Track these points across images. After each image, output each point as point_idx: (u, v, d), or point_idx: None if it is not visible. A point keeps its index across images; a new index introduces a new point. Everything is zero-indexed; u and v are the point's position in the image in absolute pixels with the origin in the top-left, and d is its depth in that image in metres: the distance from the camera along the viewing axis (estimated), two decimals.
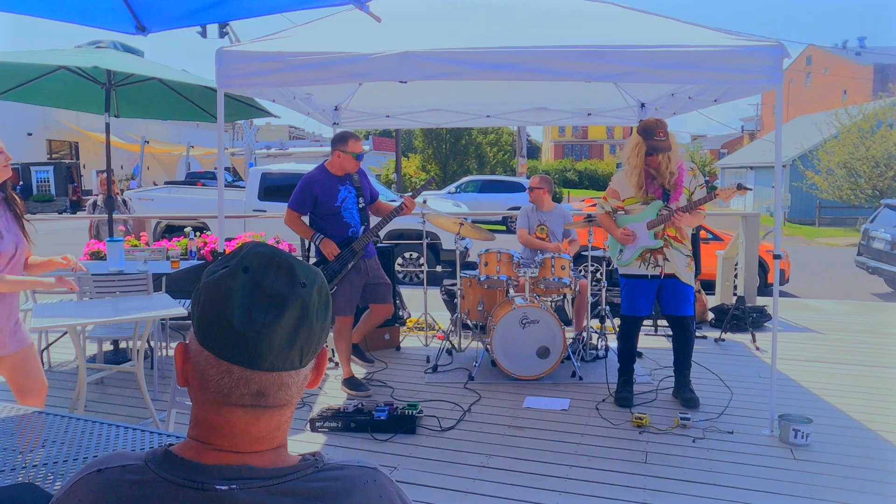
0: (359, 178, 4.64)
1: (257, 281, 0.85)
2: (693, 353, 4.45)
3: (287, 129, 44.86)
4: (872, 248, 9.96)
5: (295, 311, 0.85)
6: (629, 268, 4.33)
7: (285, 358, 0.85)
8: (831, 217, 25.15)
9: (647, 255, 4.25)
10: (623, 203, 4.32)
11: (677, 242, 4.22)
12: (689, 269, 4.25)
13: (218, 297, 0.84)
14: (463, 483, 3.31)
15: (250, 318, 0.83)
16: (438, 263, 9.78)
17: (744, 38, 3.95)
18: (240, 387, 0.85)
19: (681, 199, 4.16)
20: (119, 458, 0.88)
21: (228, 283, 0.85)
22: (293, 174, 11.05)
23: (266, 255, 0.87)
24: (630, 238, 4.26)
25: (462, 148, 38.47)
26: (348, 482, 0.89)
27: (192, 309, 0.89)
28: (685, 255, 4.24)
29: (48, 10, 2.60)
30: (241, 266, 0.86)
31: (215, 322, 0.84)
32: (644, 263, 4.26)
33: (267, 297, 0.84)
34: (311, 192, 4.47)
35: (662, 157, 4.12)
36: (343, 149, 4.48)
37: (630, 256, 4.30)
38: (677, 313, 4.30)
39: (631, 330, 4.45)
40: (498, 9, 4.65)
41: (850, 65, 40.56)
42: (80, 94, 6.01)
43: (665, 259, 4.23)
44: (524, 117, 7.10)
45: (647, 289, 4.31)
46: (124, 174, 26.04)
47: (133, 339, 4.21)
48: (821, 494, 3.20)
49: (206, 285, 0.86)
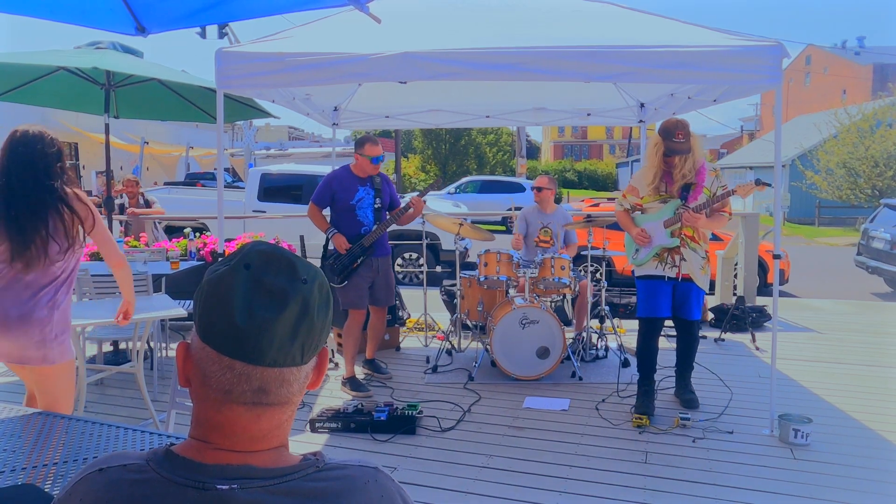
0: (380, 181, 4.77)
1: (258, 277, 0.86)
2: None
3: (286, 129, 44.83)
4: (872, 247, 9.97)
5: (296, 307, 0.86)
6: (645, 268, 4.23)
7: (286, 353, 0.86)
8: (831, 217, 25.14)
9: (665, 255, 4.16)
10: (641, 201, 4.25)
11: (694, 243, 4.14)
12: (703, 271, 4.17)
13: (219, 293, 0.85)
14: (463, 483, 3.31)
15: (251, 313, 0.84)
16: (438, 264, 9.78)
17: (743, 38, 3.95)
18: (241, 383, 0.85)
19: (699, 199, 4.07)
20: (120, 458, 0.88)
21: (230, 280, 0.85)
22: (293, 175, 11.07)
23: (267, 252, 0.89)
24: (646, 239, 4.18)
25: (462, 148, 38.46)
26: (349, 482, 0.89)
27: (195, 307, 0.89)
28: (702, 256, 4.16)
29: (48, 10, 2.60)
30: (242, 263, 0.87)
31: (217, 318, 0.85)
32: (662, 263, 4.17)
33: (268, 293, 0.85)
34: (330, 187, 4.67)
35: (679, 159, 4.06)
36: (360, 152, 4.67)
37: (646, 255, 4.21)
38: (687, 317, 4.25)
39: (651, 333, 4.27)
40: (498, 9, 4.65)
41: (849, 64, 40.59)
42: (80, 95, 6.02)
43: (682, 259, 4.14)
44: (524, 117, 7.10)
45: (665, 289, 4.20)
46: (124, 175, 26.00)
47: (133, 339, 4.21)
48: (821, 494, 3.20)
49: (208, 282, 0.87)
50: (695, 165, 4.08)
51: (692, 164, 4.07)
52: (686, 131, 4.01)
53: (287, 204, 10.18)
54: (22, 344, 2.69)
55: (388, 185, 4.87)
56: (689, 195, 4.10)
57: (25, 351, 2.71)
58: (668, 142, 4.04)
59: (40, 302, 2.71)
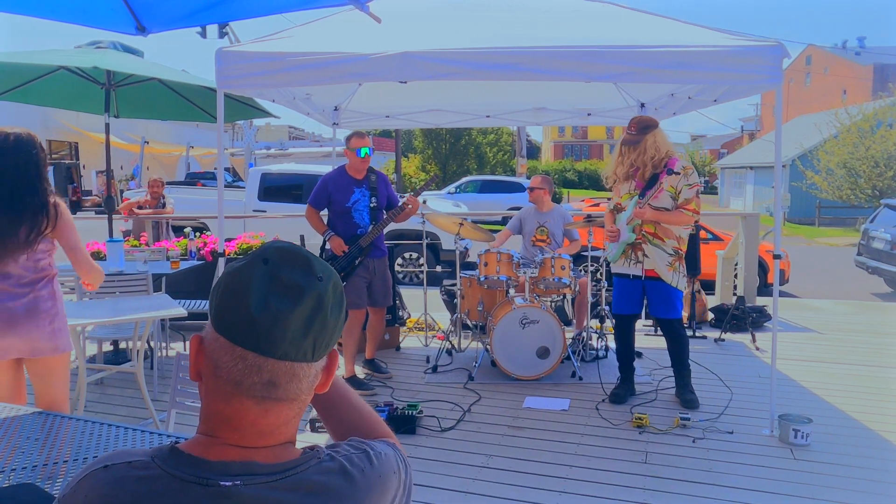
0: (376, 179, 4.79)
1: (275, 272, 0.88)
2: (693, 353, 4.46)
3: (287, 129, 44.84)
4: (872, 248, 9.96)
5: (311, 302, 0.87)
6: (616, 265, 4.42)
7: (298, 347, 0.87)
8: (831, 217, 25.14)
9: (629, 251, 4.32)
10: (621, 199, 4.40)
11: (656, 239, 4.23)
12: (671, 268, 4.22)
13: (237, 284, 0.87)
14: (463, 483, 3.31)
15: (267, 304, 0.85)
16: (438, 263, 9.78)
17: (743, 38, 3.95)
18: (252, 374, 0.86)
19: (660, 197, 4.18)
20: (125, 455, 0.89)
21: (248, 273, 0.87)
22: (293, 174, 11.06)
23: (285, 249, 0.91)
24: (615, 236, 4.36)
25: (462, 148, 38.44)
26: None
27: (211, 299, 0.91)
28: (667, 253, 4.22)
29: (48, 10, 2.60)
30: (261, 258, 0.89)
31: (233, 308, 0.86)
32: (627, 260, 4.33)
33: (284, 287, 0.87)
34: (326, 189, 4.72)
35: (626, 148, 4.25)
36: (347, 146, 4.71)
37: (615, 253, 4.38)
38: (662, 316, 4.35)
39: (621, 328, 4.49)
40: (498, 9, 4.65)
41: (849, 65, 40.57)
42: (80, 95, 6.01)
43: (644, 255, 4.25)
44: (524, 117, 7.10)
45: (632, 287, 4.35)
46: (124, 174, 26.01)
47: (133, 339, 4.21)
48: (821, 494, 3.20)
49: (226, 274, 0.89)
50: (647, 160, 4.20)
51: (642, 157, 4.20)
52: (640, 126, 4.21)
53: (287, 204, 10.18)
54: (33, 337, 2.76)
55: (386, 185, 4.88)
56: (648, 192, 4.20)
57: (37, 343, 2.78)
58: (624, 134, 4.31)
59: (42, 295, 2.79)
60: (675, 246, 4.25)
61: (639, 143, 4.19)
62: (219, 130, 4.28)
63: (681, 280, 4.27)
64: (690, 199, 4.17)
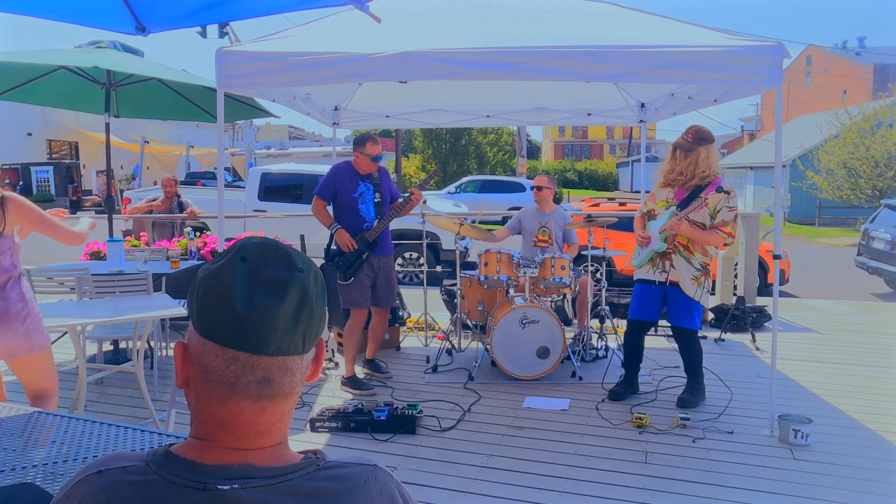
0: (379, 175, 4.77)
1: (256, 268, 0.86)
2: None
3: (287, 129, 44.86)
4: (872, 248, 9.96)
5: (296, 294, 0.86)
6: (640, 271, 4.38)
7: (290, 341, 0.86)
8: (831, 217, 25.13)
9: (657, 260, 4.28)
10: (656, 206, 4.36)
11: (687, 252, 4.19)
12: (696, 282, 4.20)
13: (218, 286, 0.85)
14: (463, 483, 3.31)
15: (252, 302, 0.84)
16: (438, 263, 9.78)
17: (744, 38, 3.95)
18: (245, 374, 0.85)
19: (699, 213, 4.13)
20: (119, 459, 0.87)
21: (228, 273, 0.86)
22: (293, 174, 11.06)
23: (261, 244, 0.90)
24: (645, 241, 4.33)
25: (462, 148, 38.43)
26: (350, 480, 0.89)
27: (190, 304, 0.89)
28: (695, 267, 4.20)
29: (48, 10, 2.60)
30: (237, 256, 0.87)
31: (217, 311, 0.85)
32: (653, 268, 4.29)
33: (267, 283, 0.86)
34: (334, 180, 4.68)
35: (679, 153, 4.21)
36: (361, 150, 4.67)
37: (642, 259, 4.34)
38: (676, 324, 4.32)
39: (633, 333, 4.47)
40: (498, 9, 4.65)
41: (849, 65, 40.55)
42: (80, 94, 6.02)
43: (672, 266, 4.22)
44: (524, 117, 7.10)
45: (654, 294, 4.32)
46: (124, 174, 26.03)
47: (133, 339, 4.21)
48: (821, 494, 3.20)
49: (205, 278, 0.87)
50: (696, 172, 4.17)
51: (692, 168, 4.16)
52: (697, 136, 4.17)
53: (287, 203, 10.18)
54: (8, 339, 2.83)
55: (387, 179, 4.86)
56: (688, 205, 4.16)
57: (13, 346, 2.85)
58: (679, 137, 4.26)
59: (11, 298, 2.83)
60: (704, 261, 4.22)
61: (692, 151, 4.16)
62: (219, 130, 4.27)
63: (704, 295, 4.25)
64: (728, 222, 4.14)
